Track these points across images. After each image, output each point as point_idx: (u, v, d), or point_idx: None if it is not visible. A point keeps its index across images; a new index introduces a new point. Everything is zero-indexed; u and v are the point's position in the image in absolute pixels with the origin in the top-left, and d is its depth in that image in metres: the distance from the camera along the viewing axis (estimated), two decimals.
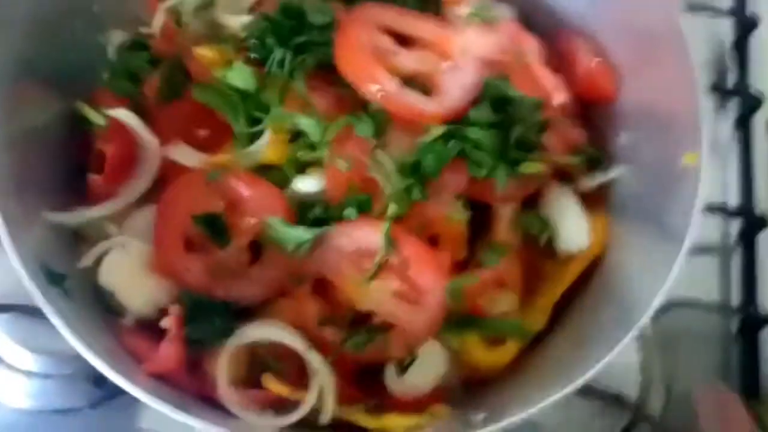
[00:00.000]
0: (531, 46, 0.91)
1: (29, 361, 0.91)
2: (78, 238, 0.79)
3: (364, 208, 0.72)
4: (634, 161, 0.89)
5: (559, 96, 0.92)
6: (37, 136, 0.78)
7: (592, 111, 0.94)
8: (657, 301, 0.72)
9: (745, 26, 1.20)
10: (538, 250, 0.85)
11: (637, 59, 0.88)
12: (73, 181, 0.82)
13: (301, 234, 0.70)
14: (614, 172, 0.90)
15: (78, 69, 0.84)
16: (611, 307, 0.82)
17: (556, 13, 0.96)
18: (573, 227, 0.86)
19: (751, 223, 1.11)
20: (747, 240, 1.11)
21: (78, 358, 0.62)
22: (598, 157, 0.91)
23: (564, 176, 0.89)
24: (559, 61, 0.95)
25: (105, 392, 0.88)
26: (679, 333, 1.04)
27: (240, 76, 0.72)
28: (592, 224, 0.88)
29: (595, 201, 0.90)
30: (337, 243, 0.72)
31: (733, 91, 1.17)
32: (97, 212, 0.76)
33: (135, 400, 0.62)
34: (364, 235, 0.71)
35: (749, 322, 1.07)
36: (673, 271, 0.73)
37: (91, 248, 0.76)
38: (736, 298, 1.09)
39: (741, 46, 1.21)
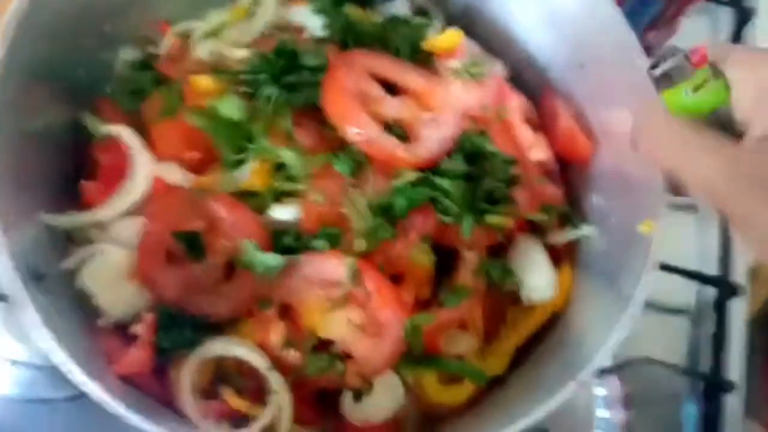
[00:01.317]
0: (514, 104, 0.96)
1: (17, 350, 0.94)
2: (68, 240, 0.84)
3: (334, 242, 0.77)
4: (602, 222, 0.93)
5: (536, 153, 0.97)
6: (39, 138, 0.82)
7: (569, 170, 0.99)
8: (602, 356, 0.76)
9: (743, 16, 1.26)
10: (503, 296, 0.89)
11: (609, 125, 0.92)
12: (68, 185, 0.86)
13: (271, 260, 0.74)
14: (583, 231, 0.94)
15: (85, 80, 0.88)
16: (565, 356, 0.86)
17: (545, 73, 1.01)
18: (539, 278, 0.90)
19: (725, 291, 1.14)
20: (719, 307, 1.15)
21: None
22: (569, 215, 0.96)
23: (534, 228, 0.93)
24: (542, 119, 1.01)
25: None
26: (643, 391, 1.08)
27: (230, 107, 0.77)
28: (557, 277, 0.92)
29: (562, 255, 0.95)
30: (304, 272, 0.76)
31: None
32: (86, 218, 0.81)
33: None
34: (330, 267, 0.76)
35: (714, 386, 1.10)
36: (619, 329, 0.77)
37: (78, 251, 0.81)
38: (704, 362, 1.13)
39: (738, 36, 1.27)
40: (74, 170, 0.87)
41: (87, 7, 0.85)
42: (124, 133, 0.82)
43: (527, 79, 1.03)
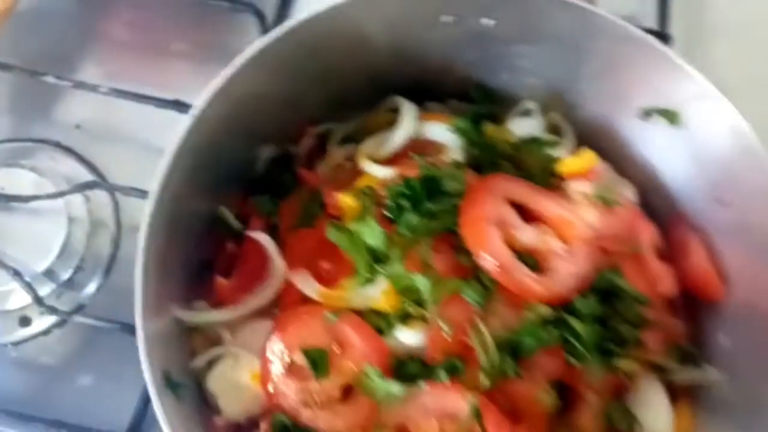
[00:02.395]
0: (647, 235, 0.94)
1: None
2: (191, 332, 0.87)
3: (456, 373, 0.76)
4: (730, 368, 0.89)
5: (665, 287, 0.94)
6: (182, 229, 0.85)
7: (696, 305, 0.95)
8: None
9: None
10: None
11: (749, 264, 0.89)
12: (199, 276, 0.90)
13: (393, 388, 0.75)
14: (708, 375, 0.90)
15: (228, 175, 0.92)
16: None
17: (675, 200, 0.98)
18: (658, 421, 0.87)
19: None
20: None
21: None
22: (693, 353, 0.92)
23: (656, 366, 0.89)
24: (670, 249, 0.97)
25: None
26: None
27: (371, 234, 0.78)
28: (676, 419, 0.88)
29: (681, 393, 0.90)
30: (424, 401, 0.75)
31: None
32: (220, 316, 0.84)
33: None
34: (451, 400, 0.75)
35: None
36: None
37: (203, 345, 0.84)
38: None
39: None
40: (204, 262, 0.91)
41: (249, 110, 0.88)
42: (264, 239, 0.84)
43: (653, 204, 1.00)
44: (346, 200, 0.83)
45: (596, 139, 1.02)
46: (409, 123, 0.93)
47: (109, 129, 1.15)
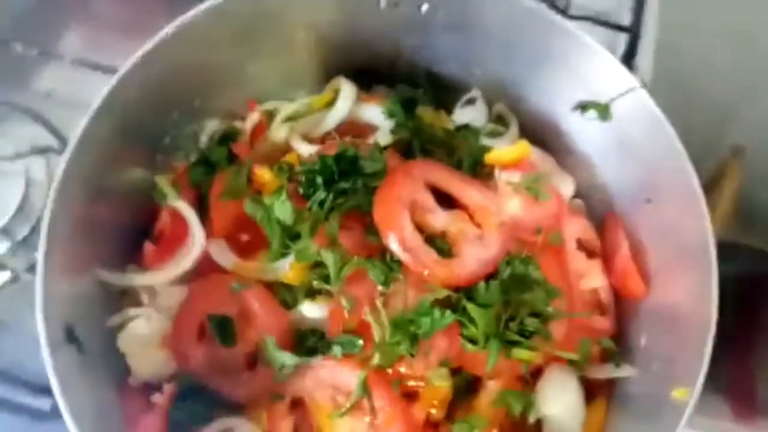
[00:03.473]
0: (572, 228, 0.94)
1: None
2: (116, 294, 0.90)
3: (351, 350, 0.78)
4: (645, 365, 0.89)
5: (590, 281, 0.94)
6: (111, 192, 0.87)
7: (623, 304, 0.96)
8: None
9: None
10: (523, 427, 0.87)
11: (668, 265, 0.90)
12: (135, 240, 0.93)
13: (287, 359, 0.77)
14: (624, 372, 0.90)
15: (169, 147, 0.95)
16: None
17: (613, 200, 0.99)
18: (566, 415, 0.88)
19: None
20: None
21: None
22: (612, 351, 0.92)
23: (573, 360, 0.90)
24: (603, 247, 0.98)
25: None
26: None
27: (281, 210, 0.81)
28: (588, 412, 0.89)
29: (598, 389, 0.92)
30: (318, 374, 0.78)
31: None
32: (139, 280, 0.87)
33: None
34: (342, 375, 0.77)
35: None
36: None
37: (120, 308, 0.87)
38: None
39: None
40: (138, 230, 0.94)
41: (183, 80, 0.91)
42: (185, 208, 0.87)
43: (594, 201, 1.01)
44: (263, 175, 0.85)
45: (541, 132, 1.03)
46: (345, 103, 0.95)
47: (77, 99, 1.19)
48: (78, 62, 1.11)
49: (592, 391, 0.91)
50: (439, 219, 0.85)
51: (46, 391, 0.96)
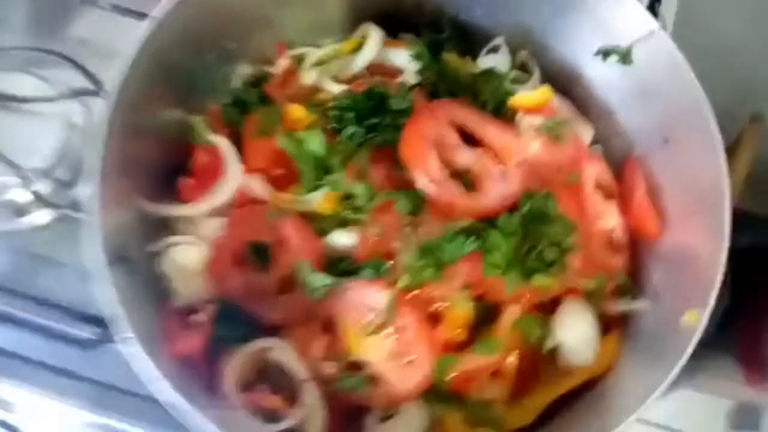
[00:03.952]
0: (590, 170, 0.98)
1: None
2: (159, 228, 0.95)
3: (380, 273, 0.83)
4: (657, 299, 0.94)
5: (606, 221, 0.98)
6: (149, 134, 0.92)
7: (639, 243, 1.00)
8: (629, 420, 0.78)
9: None
10: (541, 354, 0.92)
11: (681, 207, 0.94)
12: (168, 179, 0.98)
13: (321, 280, 0.82)
14: (637, 305, 0.95)
15: (202, 89, 0.99)
16: (591, 422, 0.88)
17: (632, 144, 1.02)
18: (580, 343, 0.92)
19: None
20: None
21: None
22: (627, 286, 0.97)
23: (590, 294, 0.95)
24: (622, 189, 1.02)
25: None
26: None
27: (314, 142, 0.86)
28: (602, 345, 0.94)
29: (614, 323, 0.96)
30: (349, 295, 0.83)
31: None
32: (178, 211, 0.92)
33: None
34: (372, 295, 0.82)
35: None
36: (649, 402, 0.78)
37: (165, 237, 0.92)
38: None
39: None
40: (176, 167, 0.99)
41: (217, 25, 0.95)
42: (222, 143, 0.92)
43: (614, 147, 1.05)
44: (297, 112, 0.90)
45: (562, 80, 1.07)
46: (372, 47, 0.99)
47: (113, 46, 1.23)
48: (113, 9, 1.15)
49: (607, 327, 0.95)
50: (464, 156, 0.89)
51: (91, 320, 1.04)
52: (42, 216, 1.13)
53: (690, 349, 0.81)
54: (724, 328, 0.97)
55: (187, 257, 0.89)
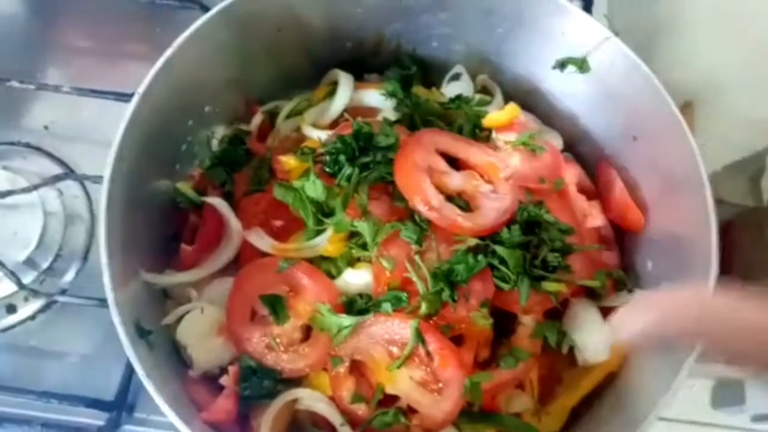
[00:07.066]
0: (569, 174, 1.03)
1: None
2: (165, 296, 0.95)
3: (399, 304, 0.85)
4: (654, 286, 0.98)
5: (592, 221, 1.03)
6: (144, 206, 0.93)
7: (625, 237, 1.05)
8: (655, 413, 0.81)
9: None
10: (559, 357, 0.95)
11: (662, 194, 0.98)
12: (167, 248, 0.98)
13: (343, 321, 0.83)
14: (638, 296, 0.99)
15: (185, 154, 1.01)
16: (620, 415, 0.90)
17: (600, 144, 1.08)
18: (594, 340, 0.95)
19: None
20: None
21: None
22: (623, 279, 1.01)
23: (591, 292, 0.99)
24: (598, 188, 1.07)
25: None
26: None
27: (313, 189, 0.87)
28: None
29: None
30: (372, 331, 0.84)
31: None
32: (184, 278, 0.92)
33: None
34: (395, 327, 0.83)
35: None
36: (670, 392, 0.81)
37: (175, 307, 0.92)
38: None
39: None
40: (171, 236, 0.99)
41: (192, 91, 0.97)
42: (218, 202, 0.93)
43: (583, 151, 1.10)
44: (289, 162, 0.92)
45: (524, 95, 1.12)
46: (345, 91, 1.02)
47: (75, 127, 1.23)
48: (67, 91, 1.15)
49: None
50: (454, 179, 0.92)
51: (99, 405, 1.02)
52: (31, 307, 1.11)
53: None
54: None
55: (200, 324, 0.89)
